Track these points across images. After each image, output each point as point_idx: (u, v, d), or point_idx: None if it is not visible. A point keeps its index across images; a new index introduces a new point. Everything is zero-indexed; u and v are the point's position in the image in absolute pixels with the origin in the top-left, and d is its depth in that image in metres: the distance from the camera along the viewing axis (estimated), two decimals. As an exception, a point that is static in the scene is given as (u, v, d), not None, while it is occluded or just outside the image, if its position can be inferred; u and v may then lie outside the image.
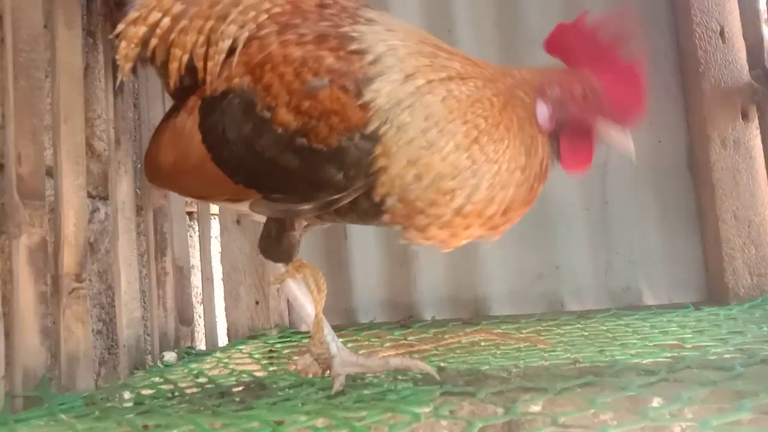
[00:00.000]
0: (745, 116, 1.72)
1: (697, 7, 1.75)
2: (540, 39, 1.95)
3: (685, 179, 1.85)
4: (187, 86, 1.05)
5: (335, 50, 0.91)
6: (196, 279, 1.90)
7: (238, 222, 1.80)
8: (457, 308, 1.87)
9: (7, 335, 1.10)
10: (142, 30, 1.05)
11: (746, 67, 1.72)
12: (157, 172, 1.09)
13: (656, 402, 0.78)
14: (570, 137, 0.96)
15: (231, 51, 0.99)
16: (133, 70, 1.10)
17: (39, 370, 1.14)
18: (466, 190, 0.89)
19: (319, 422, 0.78)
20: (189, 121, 1.01)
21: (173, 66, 1.03)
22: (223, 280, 1.83)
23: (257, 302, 1.78)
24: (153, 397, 1.07)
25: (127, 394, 1.12)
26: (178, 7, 1.04)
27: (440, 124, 0.88)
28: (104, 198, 1.58)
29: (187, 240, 1.80)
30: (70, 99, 1.33)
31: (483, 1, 1.93)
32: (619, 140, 0.97)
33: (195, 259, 1.90)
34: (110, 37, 1.10)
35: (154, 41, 1.04)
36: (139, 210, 1.60)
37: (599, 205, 1.87)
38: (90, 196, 1.51)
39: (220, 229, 1.84)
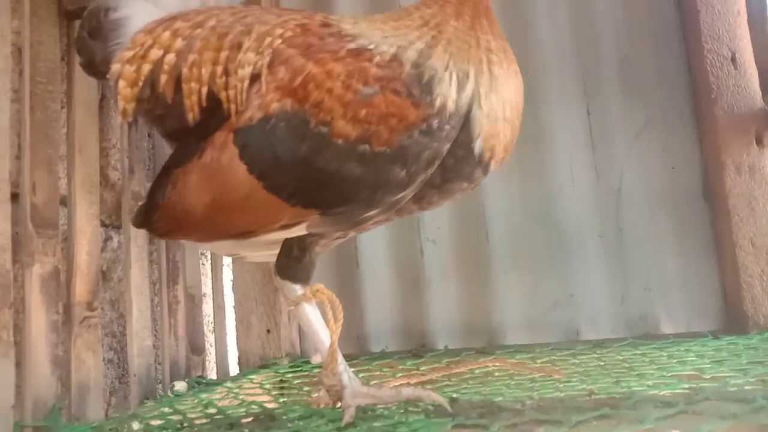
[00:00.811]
0: (759, 142, 1.70)
1: (708, 33, 1.75)
2: (551, 66, 1.96)
3: (701, 206, 1.82)
4: (185, 127, 1.04)
5: (371, 60, 0.95)
6: (207, 307, 1.90)
7: (250, 250, 1.80)
8: (470, 337, 1.85)
9: (18, 364, 1.10)
10: (146, 68, 1.04)
11: (759, 93, 1.71)
12: (186, 219, 1.03)
13: (675, 435, 0.76)
14: None
15: (252, 78, 0.99)
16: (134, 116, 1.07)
17: (49, 400, 1.14)
18: (501, 124, 1.01)
19: (329, 455, 0.77)
20: (225, 156, 0.98)
21: (192, 99, 1.02)
22: (234, 308, 1.82)
23: (269, 331, 1.77)
24: (162, 428, 1.06)
25: (136, 425, 1.11)
26: (179, 43, 1.04)
27: (476, 56, 0.99)
28: (117, 227, 1.59)
29: (199, 268, 1.80)
30: (85, 129, 1.35)
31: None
32: None
33: (207, 287, 1.90)
34: (108, 78, 1.06)
35: (163, 77, 1.03)
36: (151, 238, 1.61)
37: (614, 232, 1.85)
38: (103, 224, 1.52)
39: (232, 258, 1.84)
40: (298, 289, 1.08)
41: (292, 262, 1.08)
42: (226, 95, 1.00)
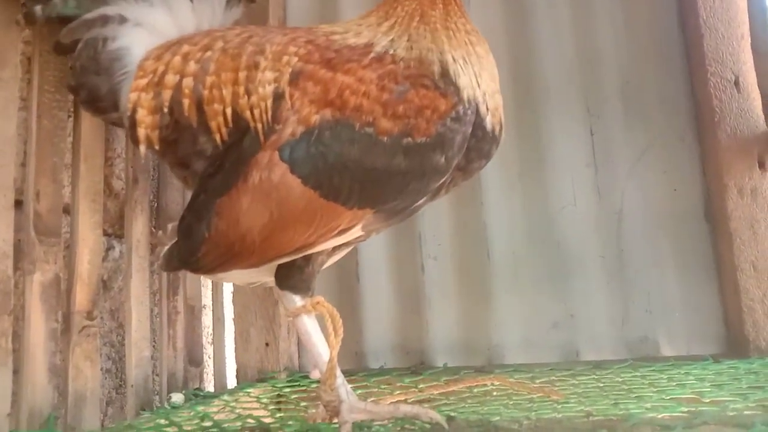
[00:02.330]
0: (762, 165, 1.70)
1: (712, 56, 1.76)
2: (554, 87, 1.97)
3: (702, 228, 1.82)
4: (197, 151, 1.06)
5: (395, 62, 1.02)
6: (207, 319, 1.90)
7: (251, 262, 1.80)
8: (469, 355, 1.84)
9: (16, 372, 1.09)
10: (166, 94, 1.04)
11: (762, 117, 1.72)
12: (242, 243, 1.02)
13: (672, 459, 0.76)
14: None
15: (275, 96, 1.02)
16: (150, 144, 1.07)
17: (45, 409, 1.13)
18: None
19: (323, 471, 0.76)
20: (275, 174, 0.99)
21: (219, 120, 1.03)
22: (234, 320, 1.82)
23: (267, 344, 1.76)
24: (157, 440, 1.05)
25: (131, 436, 1.10)
26: (193, 66, 1.05)
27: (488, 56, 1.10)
28: (119, 236, 1.60)
29: (199, 279, 1.80)
30: (91, 138, 1.36)
31: (497, 51, 1.96)
32: None
33: (207, 299, 1.90)
34: (127, 114, 1.05)
35: (186, 102, 1.04)
36: (153, 248, 1.61)
37: (615, 253, 1.84)
38: (105, 233, 1.52)
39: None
40: (297, 301, 1.08)
41: (294, 272, 1.08)
42: (251, 114, 1.02)
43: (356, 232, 1.06)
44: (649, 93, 1.89)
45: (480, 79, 1.04)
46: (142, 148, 1.07)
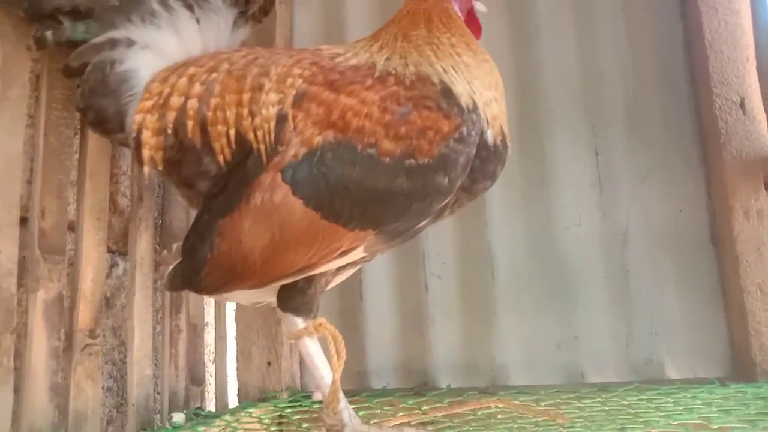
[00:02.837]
0: (768, 187, 1.70)
1: (717, 78, 1.76)
2: (558, 107, 1.98)
3: (708, 250, 1.81)
4: (201, 172, 1.07)
5: (399, 84, 1.03)
6: (209, 337, 1.89)
7: (254, 280, 1.80)
8: (473, 376, 1.83)
9: (17, 391, 1.09)
10: (170, 115, 1.06)
11: (768, 139, 1.72)
12: (244, 264, 1.02)
13: (681, 489, 0.74)
14: (468, 17, 1.23)
15: (278, 118, 1.03)
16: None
17: (45, 428, 1.12)
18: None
19: (327, 497, 0.75)
20: (277, 195, 1.00)
21: (222, 142, 1.05)
22: (236, 339, 1.81)
23: (269, 363, 1.75)
24: (158, 461, 1.04)
25: (131, 457, 1.09)
26: (198, 88, 1.06)
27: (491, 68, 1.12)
28: (123, 253, 1.59)
29: (202, 297, 1.79)
30: (97, 156, 1.36)
31: (502, 71, 1.96)
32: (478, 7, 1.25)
33: (209, 317, 1.89)
34: (131, 134, 1.07)
35: (190, 123, 1.05)
36: (157, 266, 1.61)
37: (619, 273, 1.83)
38: (109, 251, 1.52)
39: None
40: (300, 323, 1.07)
41: (296, 294, 1.08)
42: (254, 136, 1.03)
43: (358, 253, 1.05)
44: (654, 114, 1.89)
45: (474, 89, 1.04)
46: (146, 168, 1.08)
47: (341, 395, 1.03)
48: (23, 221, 1.17)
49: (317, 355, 1.08)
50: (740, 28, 1.78)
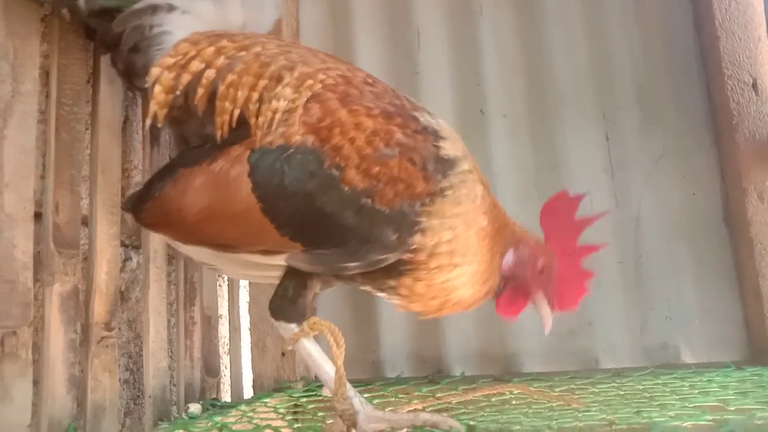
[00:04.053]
0: (782, 169, 1.68)
1: (728, 59, 1.75)
2: (569, 93, 1.97)
3: (722, 233, 1.80)
4: (202, 135, 1.08)
5: (402, 127, 1.01)
6: (223, 329, 1.90)
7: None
8: (487, 364, 1.83)
9: (36, 383, 1.10)
10: (185, 77, 1.07)
11: (781, 120, 1.70)
12: (176, 216, 1.06)
13: (699, 469, 0.74)
14: (513, 290, 1.14)
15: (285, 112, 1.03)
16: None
17: (64, 420, 1.14)
18: (459, 271, 1.03)
19: (344, 482, 0.76)
20: (234, 169, 1.01)
21: (223, 118, 1.05)
22: (250, 330, 1.82)
23: (283, 354, 1.76)
24: (176, 451, 1.05)
25: (150, 447, 1.10)
26: (222, 61, 1.07)
27: (473, 210, 1.04)
28: (137, 247, 1.60)
29: (216, 289, 1.80)
30: (108, 150, 1.37)
31: (511, 56, 1.96)
32: (544, 316, 1.14)
33: (223, 309, 1.90)
34: (145, 84, 1.09)
35: (200, 91, 1.06)
36: (170, 259, 1.62)
37: (633, 258, 1.82)
38: (123, 245, 1.53)
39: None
40: (294, 328, 1.08)
41: (287, 303, 1.09)
42: (256, 122, 1.03)
43: (278, 259, 1.05)
44: (665, 97, 1.87)
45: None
46: (148, 121, 1.09)
47: (348, 385, 1.04)
48: (37, 216, 1.18)
49: (316, 352, 1.09)
50: (751, 7, 1.76)
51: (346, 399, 1.02)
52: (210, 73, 1.06)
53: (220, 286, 1.92)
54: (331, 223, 0.98)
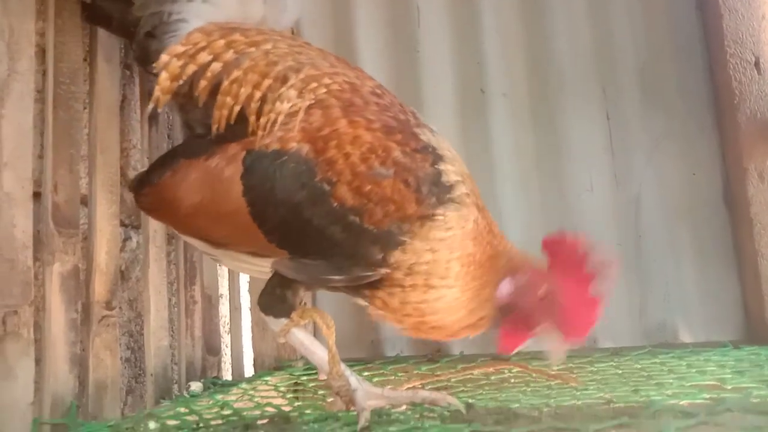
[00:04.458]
0: (783, 149, 1.68)
1: (731, 38, 1.73)
2: (570, 71, 1.96)
3: (722, 213, 1.80)
4: (206, 124, 1.08)
5: (401, 144, 0.98)
6: (224, 308, 1.91)
7: (266, 252, 1.81)
8: (486, 343, 1.83)
9: (38, 362, 1.11)
10: (190, 68, 1.06)
11: (784, 99, 1.69)
12: (170, 207, 1.07)
13: (696, 447, 0.75)
14: (513, 320, 1.06)
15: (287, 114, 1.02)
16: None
17: (67, 398, 1.14)
18: (437, 294, 1.00)
19: (344, 459, 0.77)
20: (228, 169, 1.01)
21: (222, 113, 1.05)
22: (250, 309, 1.83)
23: (284, 333, 1.77)
24: (178, 428, 1.06)
25: (152, 424, 1.11)
26: (230, 55, 1.05)
27: (461, 236, 1.00)
28: (136, 227, 1.60)
29: (216, 269, 1.81)
30: (106, 130, 1.36)
31: (513, 35, 1.94)
32: (551, 347, 1.07)
33: (224, 288, 1.91)
34: (154, 70, 1.09)
35: (203, 83, 1.05)
36: (169, 239, 1.62)
37: (633, 239, 1.83)
38: (122, 224, 1.53)
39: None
40: (283, 321, 1.09)
41: (275, 301, 1.10)
42: (256, 121, 1.02)
43: (264, 263, 1.06)
44: (667, 76, 1.86)
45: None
46: (151, 105, 1.09)
47: (343, 365, 1.05)
48: (36, 196, 1.18)
49: (307, 339, 1.10)
50: (756, -16, 1.73)
51: (341, 376, 1.03)
52: (216, 66, 1.05)
53: (219, 266, 1.93)
54: (318, 235, 0.97)
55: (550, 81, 1.90)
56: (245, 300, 1.86)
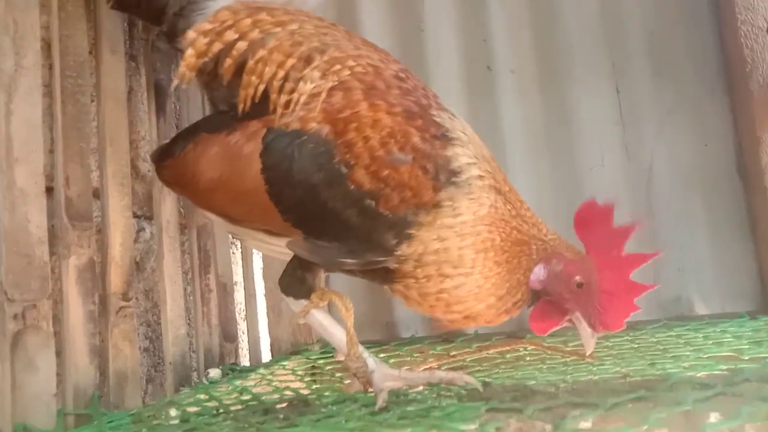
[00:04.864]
0: (797, 116, 1.65)
1: (742, 4, 1.69)
2: (577, 45, 1.93)
3: (735, 184, 1.78)
4: (231, 103, 1.08)
5: (421, 130, 0.98)
6: (239, 295, 1.92)
7: (278, 238, 1.82)
8: (500, 321, 1.84)
9: (58, 354, 1.12)
10: (216, 45, 1.06)
11: (796, 66, 1.66)
12: (189, 181, 1.08)
13: (714, 417, 0.75)
14: (546, 306, 1.07)
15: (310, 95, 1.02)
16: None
17: (89, 388, 1.16)
18: (453, 283, 0.99)
19: (364, 440, 0.77)
20: (248, 146, 1.01)
21: (248, 92, 1.05)
22: (265, 296, 1.84)
23: (299, 318, 1.78)
24: (198, 414, 1.08)
25: (173, 412, 1.13)
26: (256, 34, 1.06)
27: (472, 222, 0.98)
28: (149, 218, 1.61)
29: (230, 257, 1.82)
30: (115, 122, 1.37)
31: (518, 10, 1.91)
32: (584, 338, 1.07)
33: (238, 276, 1.92)
34: (179, 47, 1.11)
35: (228, 61, 1.06)
36: (182, 228, 1.63)
37: (645, 211, 1.81)
38: (135, 216, 1.54)
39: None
40: (303, 302, 1.11)
41: (295, 282, 1.11)
42: (278, 99, 1.02)
43: (280, 242, 1.06)
44: (676, 46, 1.83)
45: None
46: (176, 82, 1.11)
47: (361, 347, 1.06)
48: (49, 191, 1.19)
49: (326, 320, 1.11)
50: (766, -53, 1.70)
51: (358, 358, 1.04)
52: (241, 45, 1.05)
53: (233, 253, 1.94)
54: (333, 218, 0.97)
55: (557, 56, 1.88)
56: (260, 287, 1.87)
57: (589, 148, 1.84)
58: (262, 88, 1.03)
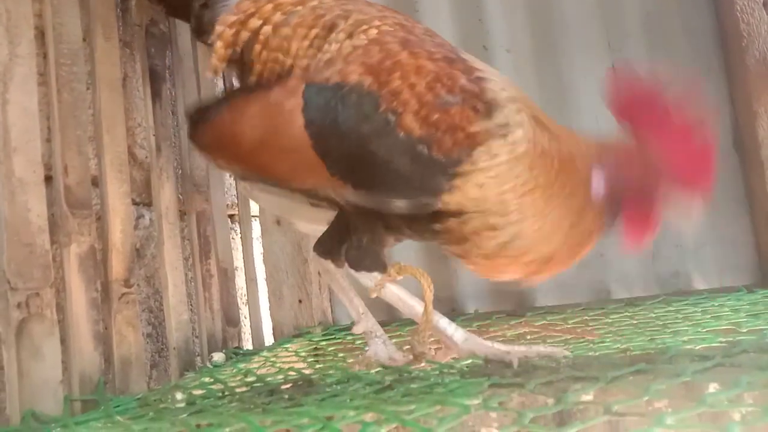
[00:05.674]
0: (793, 90, 1.65)
1: (738, -22, 1.69)
2: (573, 23, 1.93)
3: (732, 158, 1.79)
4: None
5: (465, 72, 0.96)
6: (240, 280, 1.93)
7: (278, 223, 1.82)
8: (500, 300, 1.86)
9: (63, 341, 1.13)
10: (243, 34, 1.09)
11: (793, 39, 1.66)
12: (230, 141, 1.07)
13: (713, 388, 0.76)
14: (631, 208, 0.98)
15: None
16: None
17: (94, 375, 1.17)
18: (507, 234, 0.95)
19: (369, 417, 0.78)
20: (290, 102, 1.00)
21: (274, 68, 1.06)
22: (266, 280, 1.85)
23: (300, 301, 1.80)
24: (204, 397, 1.09)
25: (179, 395, 1.14)
26: (278, 17, 1.07)
27: (511, 162, 0.94)
28: (148, 204, 1.61)
29: (230, 242, 1.82)
30: (111, 109, 1.36)
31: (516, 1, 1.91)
32: (685, 209, 0.97)
33: (238, 261, 1.93)
34: (209, 42, 1.13)
35: (257, 47, 1.07)
36: (182, 215, 1.63)
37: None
38: (134, 203, 1.54)
39: (261, 231, 1.87)
40: (377, 276, 1.07)
41: (364, 254, 1.08)
42: (306, 58, 1.04)
43: (328, 196, 1.05)
44: (673, 21, 1.83)
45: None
46: (209, 74, 1.16)
47: (446, 320, 1.06)
48: (48, 179, 1.19)
49: (405, 294, 1.08)
50: None
51: (424, 342, 1.04)
52: (267, 30, 1.07)
53: (233, 239, 1.95)
54: (385, 169, 0.95)
55: (553, 34, 1.87)
56: (260, 271, 1.88)
57: (586, 126, 1.84)
58: (289, 62, 1.05)
